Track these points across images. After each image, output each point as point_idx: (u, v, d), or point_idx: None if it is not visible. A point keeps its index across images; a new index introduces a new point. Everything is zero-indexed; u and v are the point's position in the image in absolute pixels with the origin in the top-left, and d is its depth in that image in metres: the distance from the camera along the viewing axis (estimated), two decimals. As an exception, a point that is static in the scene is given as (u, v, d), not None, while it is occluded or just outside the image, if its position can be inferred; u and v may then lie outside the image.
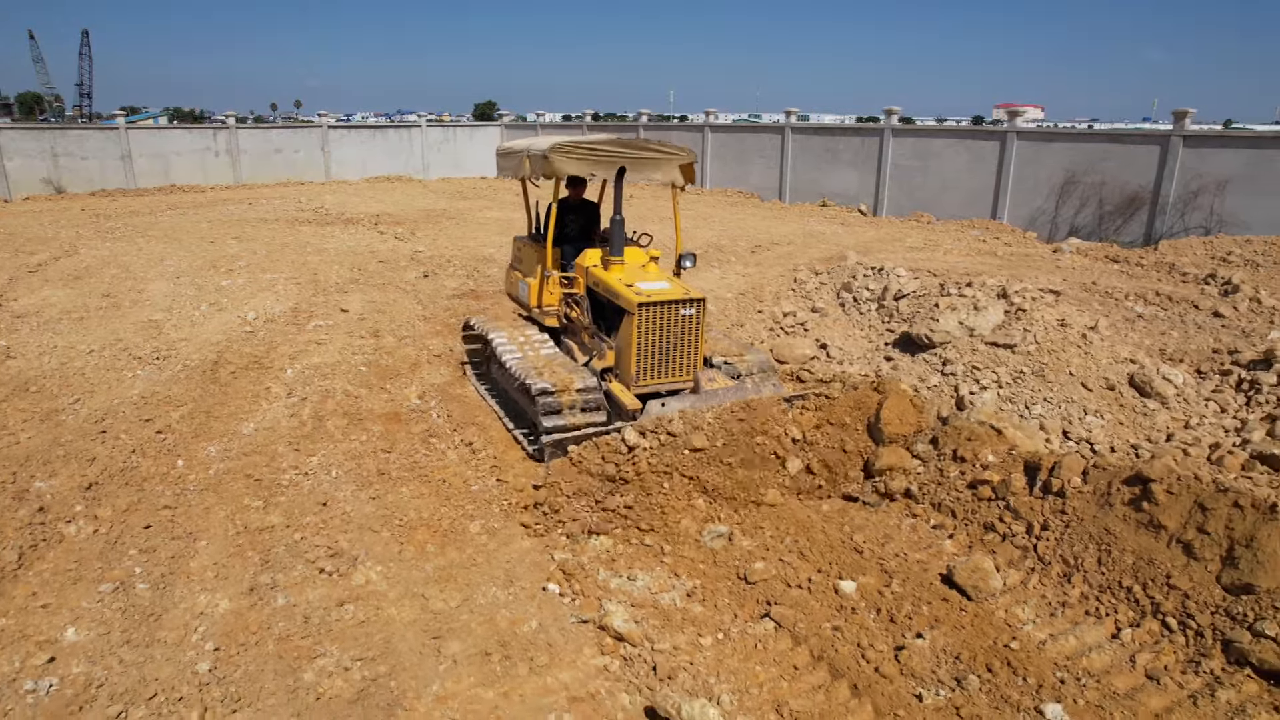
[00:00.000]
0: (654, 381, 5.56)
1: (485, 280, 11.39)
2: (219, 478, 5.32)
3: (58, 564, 4.27)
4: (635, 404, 5.35)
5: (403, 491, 5.17)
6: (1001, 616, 3.79)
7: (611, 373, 5.76)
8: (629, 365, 5.53)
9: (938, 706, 3.18)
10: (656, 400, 5.24)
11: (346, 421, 6.29)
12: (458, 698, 3.29)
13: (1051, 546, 4.15)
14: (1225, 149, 15.30)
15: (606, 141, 6.03)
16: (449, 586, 4.09)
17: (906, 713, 3.14)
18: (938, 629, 3.63)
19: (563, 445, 5.07)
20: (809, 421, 5.23)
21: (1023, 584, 4.03)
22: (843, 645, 3.53)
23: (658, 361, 5.54)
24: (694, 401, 5.23)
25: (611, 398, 5.56)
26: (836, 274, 10.51)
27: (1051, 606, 3.87)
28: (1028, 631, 3.68)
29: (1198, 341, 8.95)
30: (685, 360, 5.60)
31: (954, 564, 4.05)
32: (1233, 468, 4.23)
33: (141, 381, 7.09)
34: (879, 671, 3.37)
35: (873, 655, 3.46)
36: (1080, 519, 4.19)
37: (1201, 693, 3.28)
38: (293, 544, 4.47)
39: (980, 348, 7.28)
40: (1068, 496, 4.29)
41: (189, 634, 3.69)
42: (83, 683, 3.34)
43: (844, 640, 3.56)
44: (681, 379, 5.63)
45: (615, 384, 5.64)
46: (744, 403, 5.10)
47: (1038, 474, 4.55)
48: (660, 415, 4.97)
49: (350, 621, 3.78)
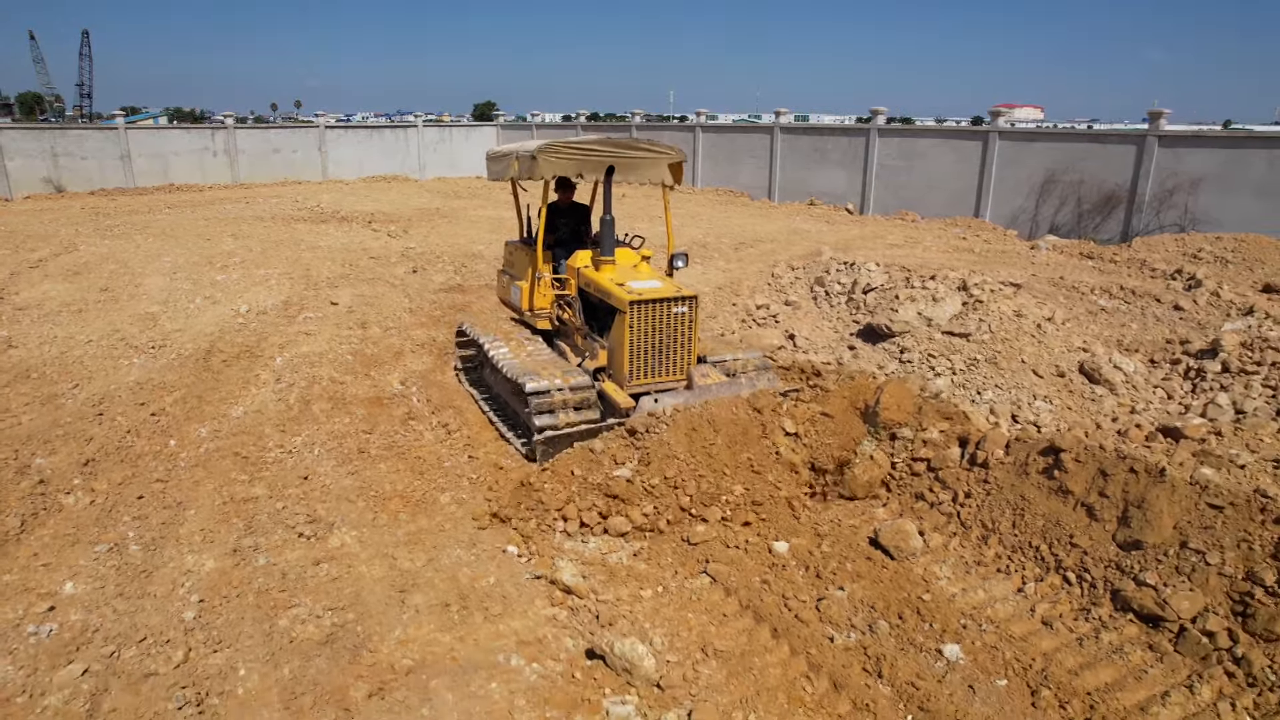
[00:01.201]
0: (647, 380, 5.54)
1: (472, 275, 11.74)
2: (208, 455, 5.67)
3: (57, 529, 4.62)
4: (629, 402, 5.34)
5: (380, 468, 5.52)
6: (919, 574, 4.14)
7: (604, 373, 5.77)
8: (622, 365, 5.50)
9: (847, 647, 3.54)
10: (649, 398, 5.21)
11: (331, 405, 6.64)
12: (418, 641, 3.64)
13: (973, 512, 4.51)
14: (1199, 149, 15.64)
15: (595, 141, 6.05)
16: (417, 549, 4.44)
17: (818, 651, 3.49)
18: (858, 583, 3.99)
19: (555, 444, 5.08)
20: (803, 414, 5.23)
21: (944, 546, 4.38)
22: (769, 596, 3.88)
23: (650, 360, 5.52)
24: (688, 398, 5.21)
25: (605, 397, 5.54)
26: (811, 269, 10.86)
27: (967, 565, 4.23)
28: (941, 586, 4.03)
29: (1154, 333, 9.31)
30: (678, 359, 5.59)
31: (880, 527, 4.40)
32: (1136, 439, 4.58)
33: (137, 369, 7.44)
34: (798, 618, 3.72)
35: (794, 605, 3.81)
36: (1000, 487, 4.54)
37: (1088, 636, 3.64)
38: (275, 512, 4.82)
39: (937, 337, 7.63)
40: (990, 467, 4.65)
41: (176, 588, 4.04)
42: (79, 628, 3.70)
43: (770, 592, 3.92)
44: (675, 378, 5.61)
45: (608, 384, 5.63)
46: (737, 398, 5.08)
47: (967, 447, 4.90)
48: (652, 410, 4.99)
49: (324, 578, 4.14)
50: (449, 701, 3.26)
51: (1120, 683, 3.37)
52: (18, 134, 23.35)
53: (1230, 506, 3.77)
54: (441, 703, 3.25)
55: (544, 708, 3.22)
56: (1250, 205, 14.68)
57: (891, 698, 3.23)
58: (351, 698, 3.27)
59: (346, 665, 3.46)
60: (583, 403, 5.46)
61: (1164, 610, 3.58)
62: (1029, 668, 3.43)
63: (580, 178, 6.30)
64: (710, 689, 3.31)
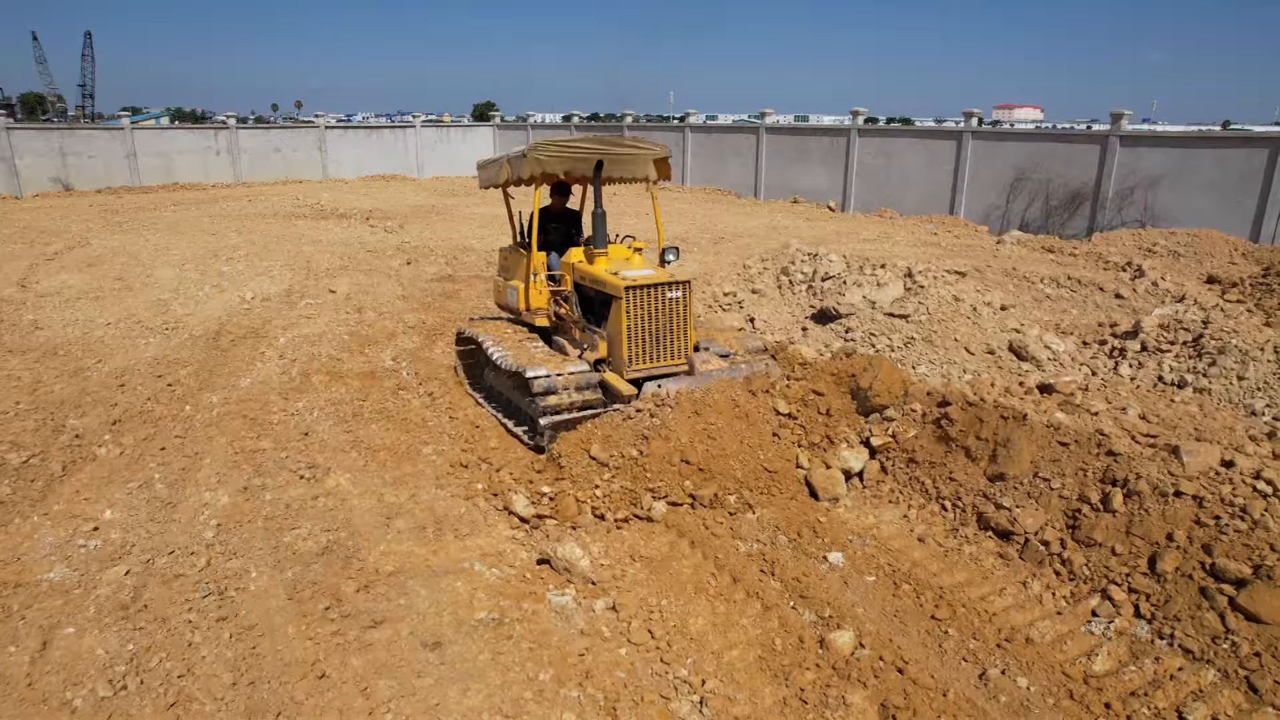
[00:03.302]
0: (647, 365, 5.64)
1: (463, 267, 12.51)
2: (220, 417, 6.44)
3: (93, 473, 5.39)
4: (630, 389, 5.44)
5: (372, 427, 6.28)
6: (825, 505, 4.90)
7: (605, 364, 5.88)
8: (621, 350, 5.61)
9: (749, 553, 4.30)
10: (652, 383, 5.36)
11: (329, 378, 7.40)
12: (398, 554, 4.40)
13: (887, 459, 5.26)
14: (1157, 149, 16.40)
15: (583, 139, 6.27)
16: (400, 488, 5.21)
17: (724, 556, 4.25)
18: (769, 509, 4.75)
19: (560, 428, 5.29)
20: (795, 394, 5.48)
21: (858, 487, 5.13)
22: (692, 519, 4.64)
23: (649, 345, 5.63)
24: (690, 382, 5.36)
25: (606, 386, 5.66)
26: (778, 260, 11.62)
27: (867, 499, 4.99)
28: (838, 513, 4.80)
29: (1091, 317, 10.10)
30: (676, 344, 5.70)
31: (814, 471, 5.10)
32: (1018, 394, 5.32)
33: (153, 347, 8.21)
34: (713, 534, 4.48)
35: (712, 524, 4.57)
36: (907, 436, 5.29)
37: (953, 549, 4.40)
38: (279, 460, 5.58)
39: (879, 317, 8.39)
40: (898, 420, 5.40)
41: (197, 516, 4.80)
42: (119, 543, 4.46)
43: (695, 516, 4.68)
44: (674, 363, 5.71)
45: (609, 374, 5.74)
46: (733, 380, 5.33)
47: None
48: (656, 394, 5.19)
49: (321, 508, 4.90)
50: (423, 595, 4.02)
51: (970, 581, 4.13)
52: (27, 134, 24.11)
53: (1075, 443, 4.53)
54: (416, 596, 4.01)
55: (499, 598, 3.98)
56: (1204, 202, 15.45)
57: (779, 590, 3.99)
58: (343, 591, 4.03)
59: (339, 569, 4.23)
60: (585, 386, 5.62)
61: (1014, 526, 4.35)
62: (897, 570, 4.20)
63: (569, 175, 6.53)
64: (634, 583, 4.08)
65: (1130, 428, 4.78)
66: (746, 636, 3.64)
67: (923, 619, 3.79)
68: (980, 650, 3.58)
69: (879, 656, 3.46)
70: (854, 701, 3.23)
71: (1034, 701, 3.28)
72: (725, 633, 3.66)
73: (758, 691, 3.33)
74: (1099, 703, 3.27)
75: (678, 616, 3.76)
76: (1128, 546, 4.02)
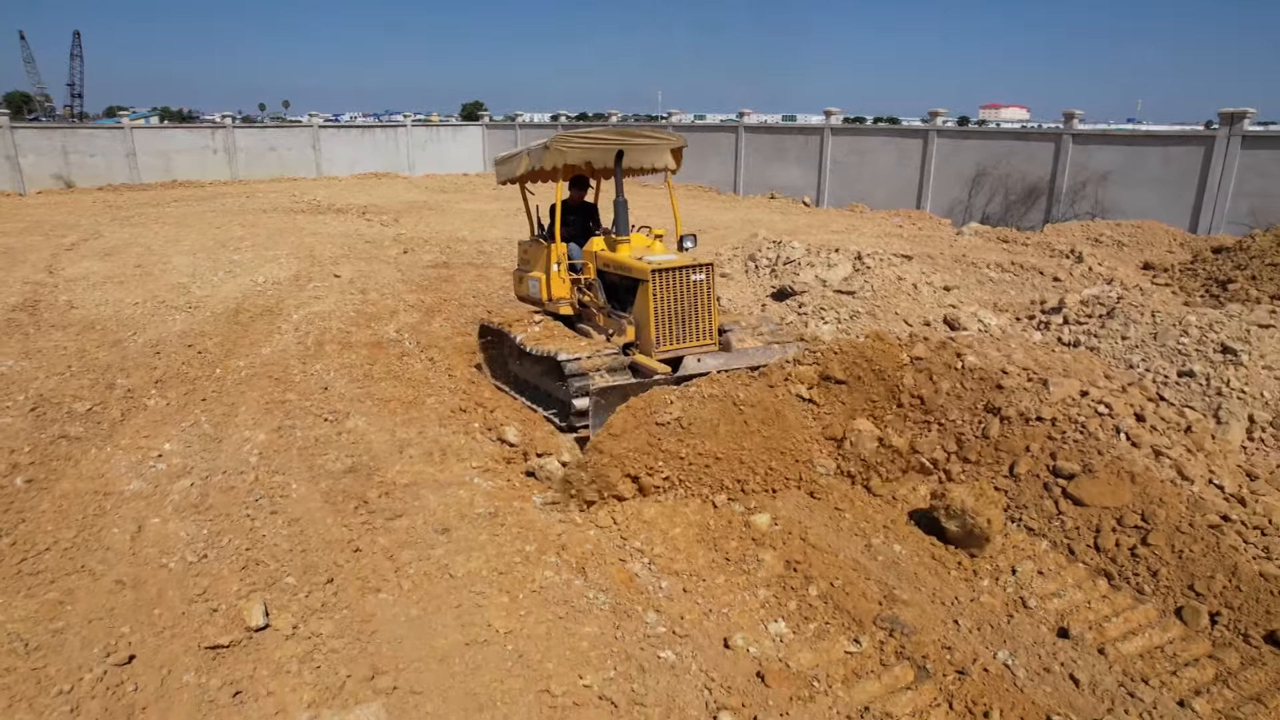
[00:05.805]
0: (674, 346, 5.87)
1: (456, 256, 13.49)
2: (248, 377, 7.40)
3: (148, 419, 6.35)
4: (664, 368, 5.65)
5: (382, 385, 7.26)
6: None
7: (632, 348, 6.05)
8: (648, 332, 5.81)
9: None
10: (691, 357, 5.56)
11: (340, 347, 8.37)
12: (411, 471, 5.39)
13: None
14: (1107, 146, 17.55)
15: (604, 131, 6.62)
16: (410, 427, 6.20)
17: (676, 470, 5.26)
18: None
19: (604, 394, 5.27)
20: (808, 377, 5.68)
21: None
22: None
23: (676, 326, 5.85)
24: (728, 360, 5.56)
25: (638, 368, 5.84)
26: (747, 248, 12.66)
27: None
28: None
29: (1027, 297, 11.17)
30: (701, 324, 5.95)
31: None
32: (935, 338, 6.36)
33: (180, 323, 9.16)
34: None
35: (668, 449, 5.58)
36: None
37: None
38: (304, 408, 6.56)
39: (829, 294, 9.44)
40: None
41: (241, 448, 5.78)
42: (181, 465, 5.44)
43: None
44: (700, 343, 5.96)
45: (639, 355, 5.94)
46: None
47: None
48: (695, 370, 5.40)
49: (345, 441, 5.89)
50: (431, 500, 5.01)
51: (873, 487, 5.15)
52: (31, 133, 24.90)
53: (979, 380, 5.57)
54: (427, 499, 5.00)
55: (492, 501, 4.98)
56: (1149, 196, 16.59)
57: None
58: (368, 496, 5.02)
59: (364, 481, 5.22)
60: (616, 368, 5.87)
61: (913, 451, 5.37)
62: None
63: (589, 166, 6.80)
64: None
65: (1016, 367, 5.82)
66: (688, 521, 4.65)
67: (828, 510, 4.82)
68: (869, 529, 4.61)
69: (788, 531, 4.48)
70: (765, 560, 4.26)
71: (904, 560, 4.31)
72: (672, 518, 4.68)
73: (694, 555, 4.35)
74: (954, 561, 4.31)
75: (635, 508, 4.77)
76: (995, 458, 5.05)
